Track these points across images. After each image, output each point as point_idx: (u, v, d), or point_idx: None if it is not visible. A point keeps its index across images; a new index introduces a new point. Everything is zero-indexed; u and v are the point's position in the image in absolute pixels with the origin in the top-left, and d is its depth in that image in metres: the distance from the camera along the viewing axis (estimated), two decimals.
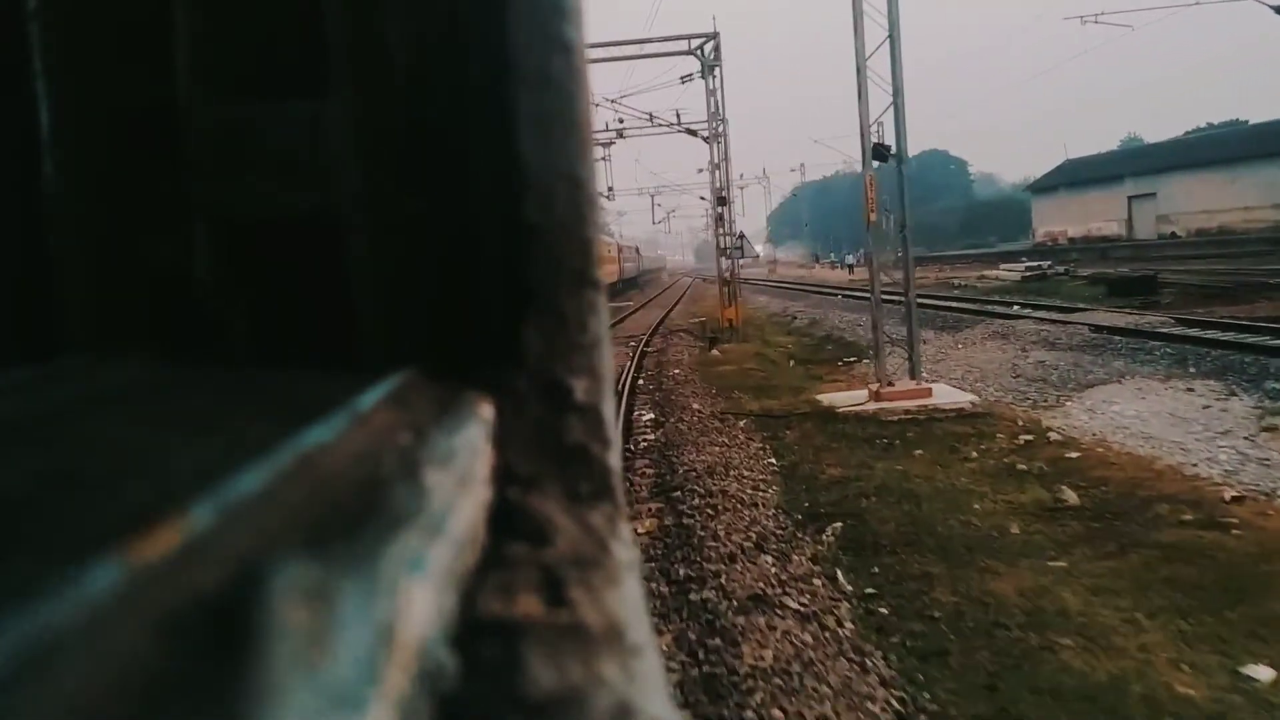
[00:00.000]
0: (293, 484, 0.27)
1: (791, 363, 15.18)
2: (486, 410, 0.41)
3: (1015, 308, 19.61)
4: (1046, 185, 65.36)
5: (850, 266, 51.69)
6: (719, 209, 20.14)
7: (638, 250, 60.52)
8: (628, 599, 0.35)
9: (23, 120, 0.49)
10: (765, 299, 33.81)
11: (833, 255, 72.26)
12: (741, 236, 20.40)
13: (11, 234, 0.51)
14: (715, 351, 16.75)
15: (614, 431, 0.44)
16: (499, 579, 0.34)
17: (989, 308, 20.42)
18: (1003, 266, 34.61)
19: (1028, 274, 29.69)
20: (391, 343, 0.46)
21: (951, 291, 27.63)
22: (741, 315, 19.48)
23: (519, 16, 0.43)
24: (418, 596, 0.26)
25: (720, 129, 20.28)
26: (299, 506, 0.27)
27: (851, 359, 15.12)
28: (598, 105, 22.45)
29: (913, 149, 10.94)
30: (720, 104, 19.71)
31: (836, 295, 31.18)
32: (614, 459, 0.44)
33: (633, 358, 16.05)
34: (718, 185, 20.46)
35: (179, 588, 0.21)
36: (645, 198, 61.41)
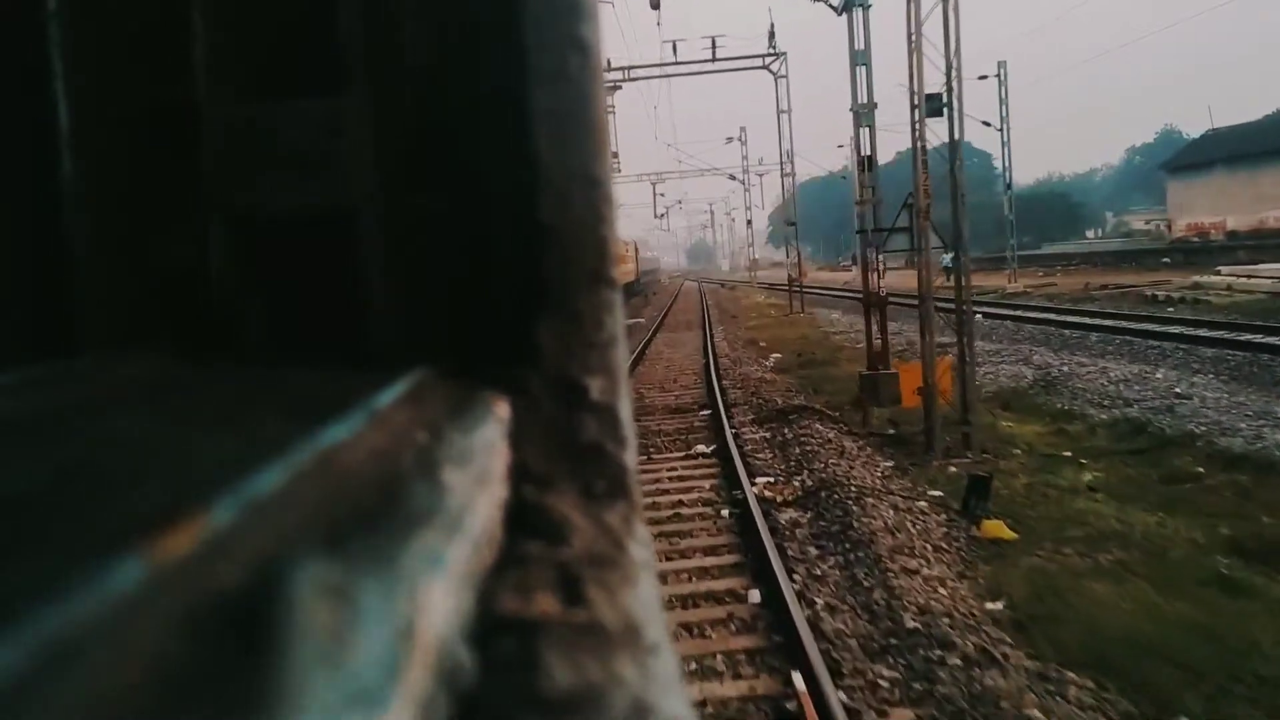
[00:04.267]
0: (312, 482, 0.27)
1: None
2: (502, 408, 0.41)
3: None
4: (1192, 163, 47.41)
5: (946, 270, 45.73)
6: (865, 152, 9.53)
7: (639, 251, 57.39)
8: (644, 598, 0.35)
9: (42, 119, 0.49)
10: (836, 314, 25.35)
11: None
12: (916, 212, 9.24)
13: (30, 232, 0.52)
14: (991, 524, 6.56)
15: (629, 430, 0.44)
16: (516, 577, 0.34)
17: None
18: (1225, 271, 24.90)
19: None
20: (407, 341, 0.46)
21: (1183, 313, 18.73)
22: (949, 386, 9.02)
23: (535, 16, 0.43)
24: (437, 594, 0.26)
25: None
26: (318, 505, 0.27)
27: None
28: None
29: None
30: None
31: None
32: (629, 457, 0.43)
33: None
34: (865, 99, 9.86)
35: (201, 585, 0.21)
36: (645, 185, 53.83)
